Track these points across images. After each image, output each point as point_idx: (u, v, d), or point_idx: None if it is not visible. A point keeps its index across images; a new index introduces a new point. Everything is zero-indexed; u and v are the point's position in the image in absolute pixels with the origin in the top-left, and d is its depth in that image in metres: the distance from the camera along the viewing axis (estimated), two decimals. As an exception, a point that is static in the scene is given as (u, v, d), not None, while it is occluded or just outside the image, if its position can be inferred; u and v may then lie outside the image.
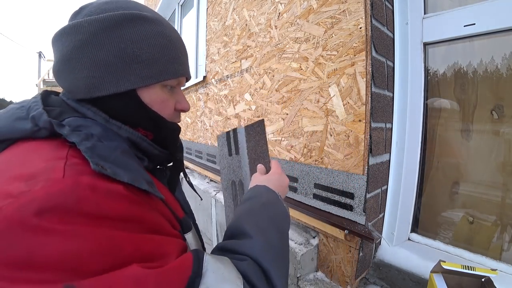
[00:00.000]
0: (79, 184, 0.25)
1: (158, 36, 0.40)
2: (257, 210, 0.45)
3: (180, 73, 0.43)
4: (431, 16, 0.79)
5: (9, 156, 0.31)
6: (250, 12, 1.25)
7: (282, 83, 1.03)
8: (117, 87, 0.37)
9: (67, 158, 0.28)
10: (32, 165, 0.27)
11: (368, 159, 0.73)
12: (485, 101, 0.74)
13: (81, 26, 0.35)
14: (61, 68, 0.37)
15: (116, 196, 0.27)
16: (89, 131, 0.34)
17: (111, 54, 0.36)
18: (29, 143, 0.32)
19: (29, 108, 0.34)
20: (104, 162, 0.29)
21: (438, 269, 0.59)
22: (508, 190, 0.71)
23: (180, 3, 2.78)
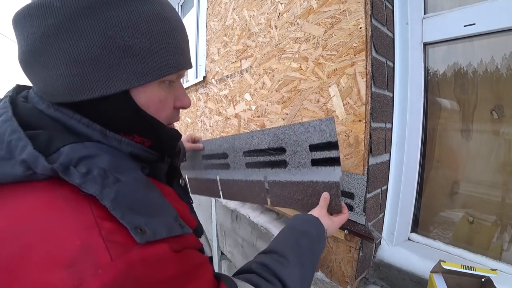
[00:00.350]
0: (131, 265, 0.23)
1: (155, 19, 0.31)
2: (304, 246, 0.47)
3: (182, 65, 0.36)
4: (431, 16, 0.79)
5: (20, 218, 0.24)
6: (250, 12, 1.25)
7: (282, 83, 1.03)
8: (105, 88, 0.30)
9: (98, 225, 0.24)
10: (62, 242, 0.22)
11: (368, 159, 0.73)
12: (485, 101, 0.74)
13: (52, 7, 0.27)
14: (28, 62, 0.29)
15: (165, 260, 0.26)
16: (98, 164, 0.28)
17: (95, 44, 0.28)
18: (32, 193, 0.25)
19: (9, 144, 0.26)
20: (138, 218, 0.26)
21: (438, 269, 0.59)
22: (508, 190, 0.71)
23: (180, 3, 2.78)
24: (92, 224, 0.24)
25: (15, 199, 0.25)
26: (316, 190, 0.67)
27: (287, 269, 0.41)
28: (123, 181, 0.28)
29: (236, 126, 1.38)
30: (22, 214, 0.24)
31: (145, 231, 0.25)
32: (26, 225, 0.23)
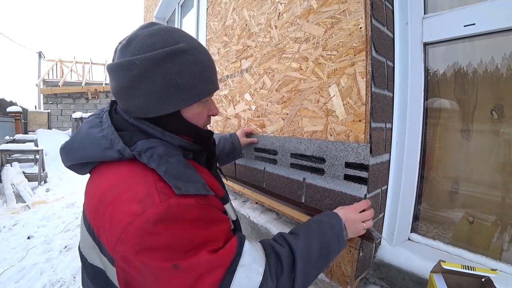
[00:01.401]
0: (170, 205, 0.40)
1: (194, 65, 0.50)
2: (314, 226, 0.59)
3: (213, 90, 0.56)
4: (431, 16, 0.79)
5: (114, 179, 0.45)
6: (250, 12, 1.25)
7: (282, 83, 1.03)
8: (165, 110, 0.50)
9: (155, 184, 0.42)
10: (137, 191, 0.42)
11: (368, 159, 0.73)
12: (485, 101, 0.74)
13: (134, 64, 0.46)
14: (120, 94, 0.50)
15: (191, 207, 0.42)
16: (157, 152, 0.47)
17: (160, 85, 0.47)
18: (119, 168, 0.46)
19: (112, 140, 0.47)
20: (177, 181, 0.43)
21: (438, 269, 0.59)
22: (508, 190, 0.71)
23: (180, 3, 2.78)
24: (152, 182, 0.43)
25: (116, 169, 0.47)
26: (343, 200, 0.79)
27: (295, 240, 0.55)
28: (171, 161, 0.47)
29: (236, 126, 1.38)
30: (119, 176, 0.45)
31: (181, 188, 0.42)
32: (121, 181, 0.44)
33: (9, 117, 8.75)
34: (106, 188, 0.44)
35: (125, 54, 0.47)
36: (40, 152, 5.06)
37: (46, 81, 10.11)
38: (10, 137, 6.77)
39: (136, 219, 0.38)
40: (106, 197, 0.43)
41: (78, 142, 0.50)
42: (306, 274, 0.52)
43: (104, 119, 0.51)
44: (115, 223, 0.40)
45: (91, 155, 0.48)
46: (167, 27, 0.51)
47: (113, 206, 0.41)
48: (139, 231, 0.38)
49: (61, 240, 2.76)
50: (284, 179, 1.02)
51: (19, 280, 2.08)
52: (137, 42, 0.47)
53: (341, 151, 0.79)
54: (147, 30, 0.49)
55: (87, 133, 0.50)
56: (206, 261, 0.40)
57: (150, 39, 0.47)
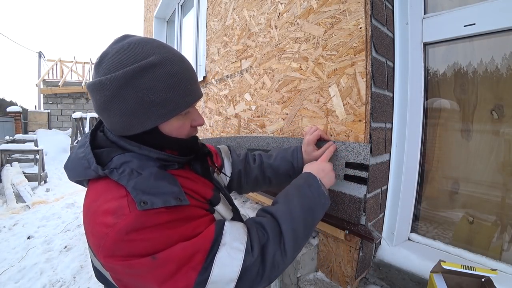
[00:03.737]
0: (138, 215, 0.42)
1: (167, 78, 0.48)
2: (291, 190, 0.61)
3: (191, 102, 0.53)
4: (431, 16, 0.79)
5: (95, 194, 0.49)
6: (250, 12, 1.25)
7: (282, 83, 1.03)
8: (142, 127, 0.50)
9: (127, 196, 0.44)
10: (111, 204, 0.44)
11: (368, 159, 0.73)
12: (485, 101, 0.74)
13: (105, 84, 0.46)
14: (100, 113, 0.51)
15: (160, 213, 0.44)
16: (130, 166, 0.48)
17: (133, 103, 0.47)
18: (100, 183, 0.49)
19: (88, 160, 0.49)
20: (144, 196, 0.44)
21: (438, 269, 0.59)
22: (508, 190, 0.71)
23: (180, 3, 2.78)
24: (124, 195, 0.45)
25: (97, 184, 0.49)
26: (342, 200, 0.80)
27: (275, 206, 0.58)
28: (143, 175, 0.47)
29: (236, 126, 1.38)
30: (98, 190, 0.48)
31: (146, 202, 0.43)
32: (100, 195, 0.47)
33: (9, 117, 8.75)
34: (89, 201, 0.48)
35: (98, 74, 0.48)
36: (40, 152, 5.06)
37: (46, 81, 10.11)
38: (10, 137, 6.77)
39: (111, 229, 0.41)
40: (89, 209, 0.47)
41: (71, 162, 0.53)
42: (294, 234, 0.53)
43: (88, 139, 0.54)
44: (95, 233, 0.43)
45: (78, 174, 0.51)
46: (139, 40, 0.49)
47: (93, 217, 0.45)
48: (114, 240, 0.41)
49: (61, 240, 2.76)
50: None
51: (19, 280, 2.08)
52: (107, 60, 0.47)
53: (341, 151, 0.79)
54: (118, 45, 0.48)
55: (76, 153, 0.53)
56: (181, 248, 0.43)
57: (119, 56, 0.47)
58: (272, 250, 0.50)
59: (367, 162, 0.72)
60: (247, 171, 0.82)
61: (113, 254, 0.41)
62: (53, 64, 10.84)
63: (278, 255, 0.50)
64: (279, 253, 0.51)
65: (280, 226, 0.53)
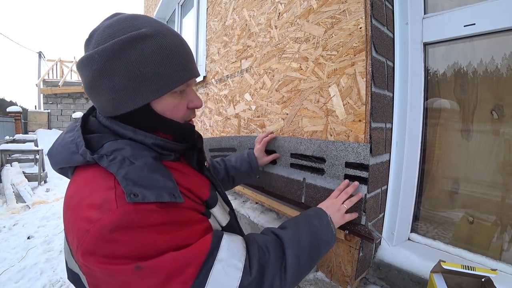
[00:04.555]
0: (127, 211, 0.37)
1: (159, 50, 0.44)
2: (300, 218, 0.60)
3: (186, 78, 0.48)
4: (431, 16, 0.79)
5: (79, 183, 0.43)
6: (250, 12, 1.25)
7: (282, 83, 1.03)
8: (134, 104, 0.45)
9: (115, 188, 0.39)
10: (96, 196, 0.39)
11: (368, 159, 0.73)
12: (485, 101, 0.74)
13: (93, 58, 0.42)
14: (89, 92, 0.46)
15: (152, 212, 0.39)
16: (122, 154, 0.43)
17: (123, 77, 0.43)
18: (86, 172, 0.44)
19: (77, 144, 0.44)
20: (135, 188, 0.39)
21: (438, 269, 0.59)
22: (508, 190, 0.71)
23: (180, 3, 2.78)
24: (112, 186, 0.40)
25: (81, 174, 0.45)
26: None
27: (283, 230, 0.54)
28: (135, 164, 0.43)
29: (236, 126, 1.38)
30: (84, 180, 0.43)
31: (137, 195, 0.38)
32: (85, 186, 0.42)
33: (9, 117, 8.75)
34: (71, 193, 0.43)
35: (87, 49, 0.44)
36: (40, 152, 5.06)
37: (46, 81, 10.11)
38: (10, 137, 6.77)
39: (93, 226, 0.35)
40: (71, 201, 0.42)
41: (56, 147, 0.48)
42: (298, 262, 0.49)
43: (78, 123, 0.49)
44: (75, 229, 0.38)
45: (62, 160, 0.46)
46: (130, 15, 0.46)
47: (74, 211, 0.39)
48: (95, 238, 0.35)
49: (61, 240, 2.76)
50: (284, 179, 1.02)
51: (19, 280, 2.08)
52: (97, 35, 0.44)
53: (341, 151, 0.79)
54: (108, 21, 0.45)
55: (63, 137, 0.48)
56: (171, 258, 0.37)
57: (109, 29, 0.43)
58: (272, 272, 0.46)
59: (367, 162, 0.72)
60: (215, 172, 0.91)
61: (92, 253, 0.35)
62: (53, 64, 10.84)
63: (277, 280, 0.46)
64: (278, 278, 0.46)
65: (284, 249, 0.49)
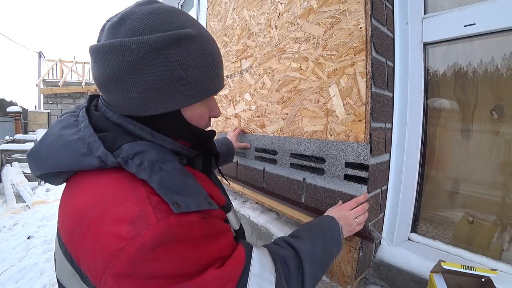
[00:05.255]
0: (170, 225, 0.33)
1: (202, 55, 0.41)
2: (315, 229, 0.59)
3: (220, 88, 0.48)
4: (431, 16, 0.79)
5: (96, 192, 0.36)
6: (250, 12, 1.25)
7: (282, 83, 1.03)
8: (164, 108, 0.41)
9: (149, 198, 0.35)
10: (125, 208, 0.34)
11: (368, 159, 0.73)
12: (485, 101, 0.74)
13: (129, 48, 0.36)
14: (106, 84, 0.39)
15: (195, 224, 0.36)
16: (147, 157, 0.39)
17: (159, 77, 0.38)
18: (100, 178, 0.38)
19: (89, 144, 0.38)
20: (175, 196, 0.35)
21: (438, 269, 0.59)
22: (508, 190, 0.71)
23: (180, 3, 2.78)
24: (145, 196, 0.35)
25: (97, 180, 0.38)
26: (343, 200, 0.78)
27: (299, 242, 0.53)
28: (165, 169, 0.39)
29: (236, 126, 1.38)
30: (102, 189, 0.36)
31: (180, 205, 0.35)
32: (104, 196, 0.35)
33: (9, 117, 8.76)
34: (85, 204, 0.36)
35: (116, 34, 0.38)
36: (40, 152, 5.05)
37: (46, 81, 10.10)
38: (10, 137, 6.78)
39: (128, 244, 0.31)
40: (85, 216, 0.34)
41: (48, 147, 0.40)
42: (315, 275, 0.50)
43: (81, 118, 0.42)
44: (99, 248, 0.32)
45: (64, 163, 0.38)
46: (172, 8, 0.42)
47: (95, 227, 0.33)
48: (133, 258, 0.31)
49: (61, 240, 2.76)
50: (284, 179, 1.02)
51: (19, 280, 2.08)
52: (133, 21, 0.38)
53: (341, 151, 0.79)
54: (147, 7, 0.40)
55: (59, 135, 0.40)
56: (214, 278, 0.35)
57: (150, 19, 0.38)
58: (295, 287, 0.46)
59: (367, 162, 0.72)
60: None
61: (128, 275, 0.31)
62: (53, 64, 10.84)
63: None
64: None
65: (303, 264, 0.48)
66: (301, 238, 0.54)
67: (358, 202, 0.70)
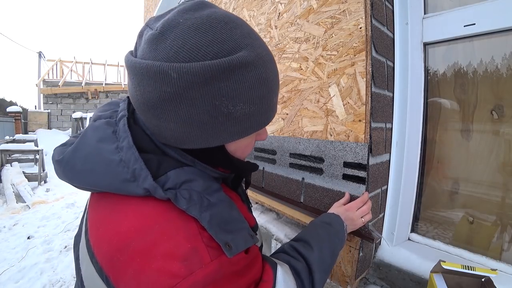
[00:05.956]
0: (222, 264, 0.32)
1: (257, 86, 0.35)
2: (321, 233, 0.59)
3: (271, 118, 0.41)
4: (431, 16, 0.79)
5: (140, 220, 0.34)
6: (250, 12, 1.25)
7: (282, 83, 1.03)
8: (205, 144, 0.37)
9: (200, 234, 0.33)
10: (178, 243, 0.32)
11: (368, 159, 0.73)
12: (485, 101, 0.74)
13: (169, 76, 0.31)
14: (143, 109, 0.35)
15: (241, 260, 0.35)
16: (195, 188, 0.36)
17: (203, 112, 0.33)
18: (145, 204, 0.35)
19: (134, 171, 0.34)
20: (225, 235, 0.34)
21: (438, 269, 0.59)
22: (508, 190, 0.71)
23: (180, 3, 2.78)
24: (196, 232, 0.33)
25: (141, 206, 0.35)
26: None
27: (308, 251, 0.53)
28: (213, 203, 0.36)
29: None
30: (149, 218, 0.33)
31: (231, 246, 0.33)
32: (153, 227, 0.33)
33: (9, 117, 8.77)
34: (129, 231, 0.33)
35: (156, 52, 0.32)
36: (40, 152, 5.06)
37: (46, 81, 10.11)
38: (10, 137, 6.78)
39: (180, 281, 0.29)
40: (129, 245, 0.32)
41: (84, 160, 0.36)
42: (322, 282, 0.52)
43: (122, 131, 0.37)
44: (147, 283, 0.30)
45: (104, 184, 0.36)
46: (225, 17, 0.35)
47: (142, 259, 0.31)
48: None
49: (61, 240, 2.77)
50: (283, 178, 1.02)
51: (19, 280, 2.08)
52: (176, 37, 0.32)
53: (340, 151, 0.79)
54: (194, 17, 0.33)
55: (97, 148, 0.36)
56: None
57: (197, 36, 0.32)
58: None
59: (365, 162, 0.72)
60: None
61: None
62: (53, 64, 10.86)
63: None
64: None
65: (313, 274, 0.50)
66: (309, 245, 0.55)
67: (364, 201, 0.70)
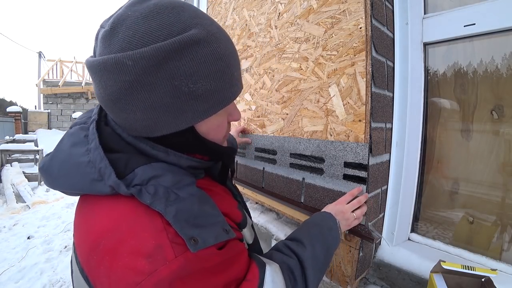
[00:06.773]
0: (188, 260, 0.31)
1: (213, 61, 0.35)
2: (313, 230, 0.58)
3: (237, 93, 0.41)
4: (431, 16, 0.79)
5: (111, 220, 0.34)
6: (250, 12, 1.25)
7: (282, 83, 1.03)
8: (174, 128, 0.37)
9: (166, 230, 0.32)
10: (142, 240, 0.32)
11: (368, 159, 0.73)
12: (485, 101, 0.74)
13: (124, 65, 0.31)
14: (108, 105, 0.36)
15: (211, 255, 0.34)
16: (162, 183, 0.36)
17: (164, 94, 0.33)
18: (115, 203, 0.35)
19: (100, 171, 0.35)
20: (192, 230, 0.33)
21: (438, 269, 0.59)
22: (508, 190, 0.71)
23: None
24: (161, 228, 0.32)
25: (112, 205, 0.36)
26: None
27: (301, 248, 0.52)
28: (182, 197, 0.35)
29: (236, 125, 1.38)
30: (116, 216, 0.34)
31: (197, 241, 0.32)
32: (120, 224, 0.33)
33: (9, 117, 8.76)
34: (101, 231, 0.34)
35: (110, 47, 0.32)
36: (40, 152, 5.06)
37: (46, 81, 10.11)
38: (10, 137, 6.78)
39: (145, 278, 0.30)
40: (100, 242, 0.33)
41: (59, 166, 0.38)
42: (316, 279, 0.52)
43: (91, 135, 0.38)
44: (115, 279, 0.31)
45: (77, 186, 0.37)
46: (171, 3, 0.35)
47: (111, 257, 0.32)
48: None
49: (61, 240, 2.76)
50: (283, 179, 1.02)
51: (19, 280, 2.08)
52: (126, 29, 0.32)
53: (340, 151, 0.79)
54: (141, 8, 0.33)
55: (69, 154, 0.37)
56: None
57: (146, 23, 0.32)
58: None
59: (365, 162, 0.72)
60: None
61: None
62: (53, 64, 10.84)
63: None
64: None
65: (305, 272, 0.49)
66: (301, 242, 0.55)
67: (353, 195, 0.71)
